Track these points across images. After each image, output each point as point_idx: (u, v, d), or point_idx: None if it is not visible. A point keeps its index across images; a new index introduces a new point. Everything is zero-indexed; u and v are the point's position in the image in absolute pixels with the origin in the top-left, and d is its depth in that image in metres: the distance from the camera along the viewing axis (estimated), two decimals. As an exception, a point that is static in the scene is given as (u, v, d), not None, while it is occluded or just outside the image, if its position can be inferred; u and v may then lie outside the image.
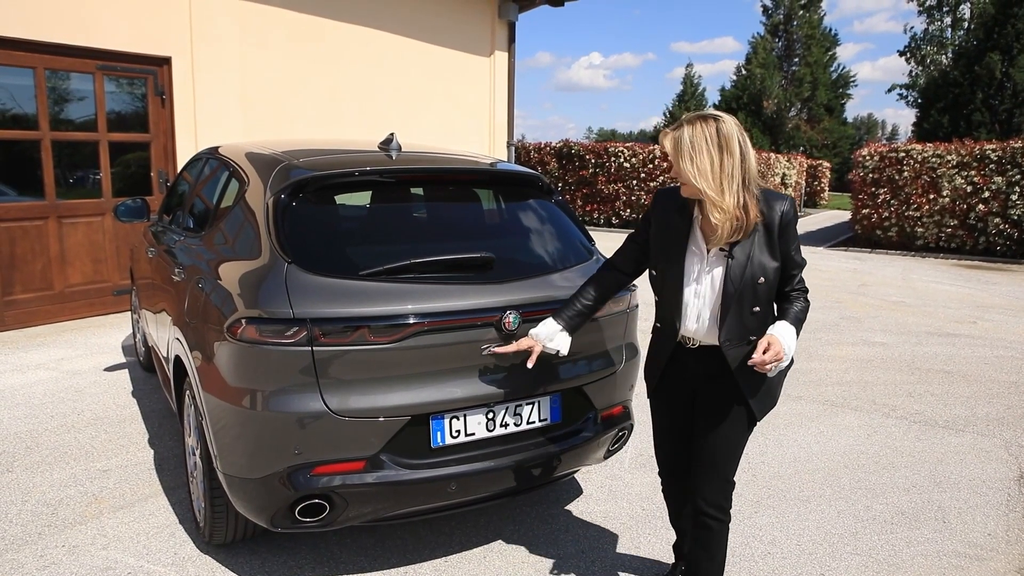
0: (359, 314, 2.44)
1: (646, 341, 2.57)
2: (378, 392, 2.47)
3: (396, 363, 2.48)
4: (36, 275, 6.53)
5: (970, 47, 32.05)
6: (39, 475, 3.60)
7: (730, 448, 2.31)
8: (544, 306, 2.70)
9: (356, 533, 3.07)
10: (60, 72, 6.60)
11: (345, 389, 2.43)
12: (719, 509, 2.33)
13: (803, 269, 2.27)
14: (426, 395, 2.53)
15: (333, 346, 2.41)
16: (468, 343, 2.58)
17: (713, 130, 2.10)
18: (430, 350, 2.53)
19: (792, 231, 2.21)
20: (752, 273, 2.17)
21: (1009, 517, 3.37)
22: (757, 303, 2.20)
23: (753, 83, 37.31)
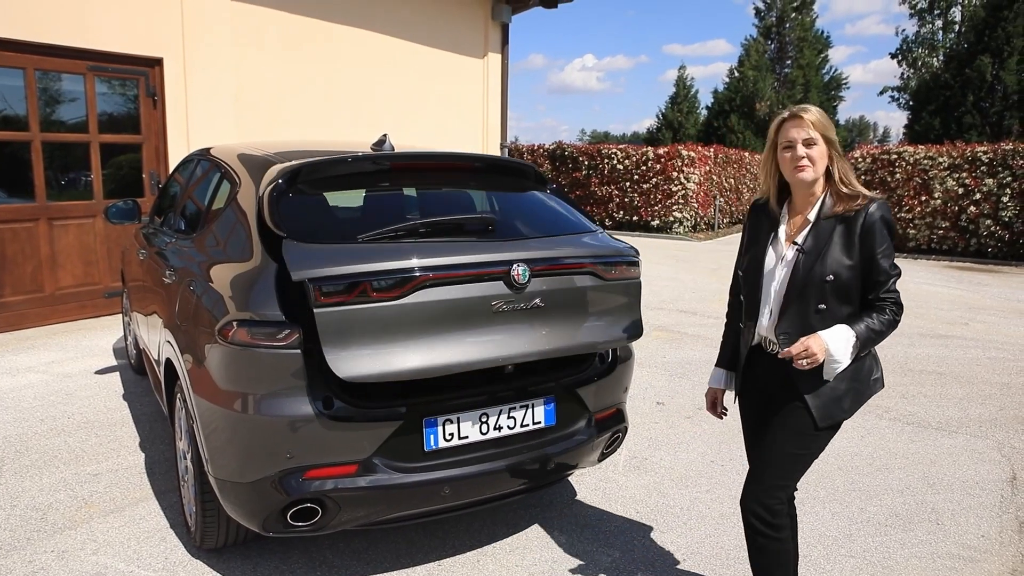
0: (359, 271, 2.34)
1: (640, 344, 2.56)
2: (388, 356, 2.35)
3: (404, 323, 2.36)
4: (26, 277, 6.48)
5: (961, 50, 32.23)
6: (28, 479, 3.56)
7: (785, 453, 2.23)
8: (553, 262, 2.64)
9: (349, 537, 3.05)
10: (51, 73, 6.56)
11: (353, 354, 2.31)
12: (766, 509, 2.23)
13: (894, 280, 2.15)
14: (438, 357, 2.41)
15: (334, 306, 2.30)
16: (479, 298, 2.48)
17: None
18: (438, 307, 2.41)
19: (879, 235, 2.12)
20: (821, 269, 2.12)
21: (1002, 518, 3.38)
22: (824, 300, 2.14)
23: (746, 85, 37.40)
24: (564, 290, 2.71)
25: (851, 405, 2.22)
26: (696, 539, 3.14)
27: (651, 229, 17.10)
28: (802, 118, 2.15)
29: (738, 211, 20.03)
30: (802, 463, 2.26)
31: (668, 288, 9.57)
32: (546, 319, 2.64)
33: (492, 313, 2.51)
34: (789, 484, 2.27)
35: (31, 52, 6.32)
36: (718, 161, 18.22)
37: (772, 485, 2.25)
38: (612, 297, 2.89)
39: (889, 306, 2.15)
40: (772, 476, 2.25)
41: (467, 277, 2.47)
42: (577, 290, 2.75)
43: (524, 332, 2.58)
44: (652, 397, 5.02)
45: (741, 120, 36.65)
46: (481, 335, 2.50)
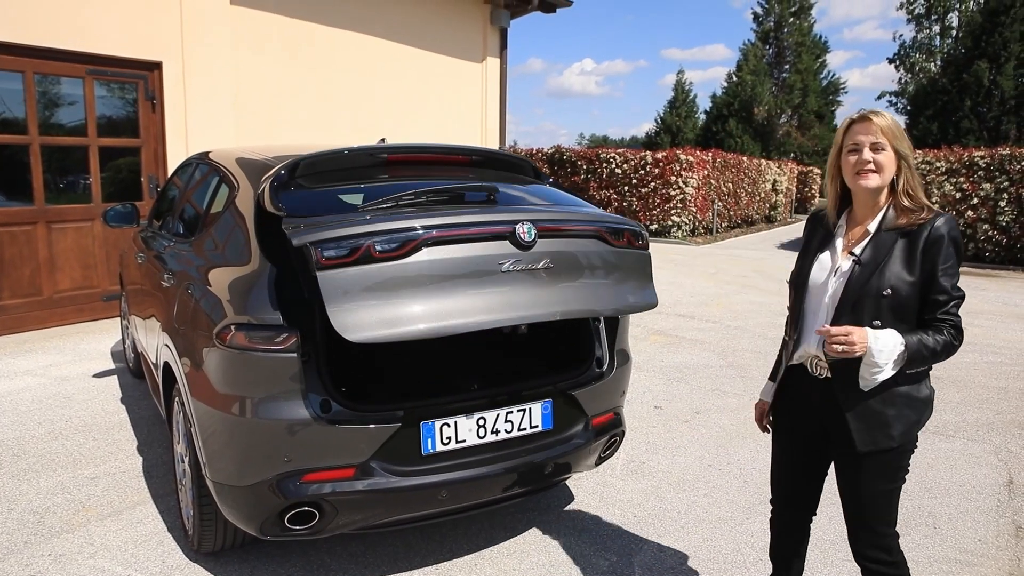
0: (361, 231, 2.26)
1: (638, 348, 2.56)
2: (395, 317, 2.24)
3: (410, 284, 2.28)
4: (24, 280, 6.48)
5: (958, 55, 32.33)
6: (26, 483, 3.56)
7: (868, 494, 2.09)
8: (559, 223, 2.59)
9: (346, 540, 3.05)
10: (50, 76, 6.56)
11: (359, 317, 2.21)
12: (877, 562, 2.13)
13: (956, 302, 1.98)
14: (447, 317, 2.30)
15: (337, 268, 2.22)
16: (485, 257, 2.40)
17: None
18: (444, 266, 2.33)
19: (944, 251, 1.96)
20: (878, 282, 1.98)
21: (999, 523, 3.38)
22: (879, 316, 1.98)
23: (744, 90, 37.49)
24: (573, 252, 2.61)
25: (902, 434, 2.03)
26: (694, 543, 3.14)
27: (649, 233, 17.06)
28: (871, 121, 2.01)
29: (736, 215, 20.06)
30: (897, 495, 2.12)
31: (666, 292, 9.58)
32: (557, 281, 2.53)
33: (500, 273, 2.41)
34: (892, 518, 2.13)
35: (30, 55, 6.32)
36: (716, 165, 18.25)
37: (874, 531, 2.12)
38: (623, 264, 2.78)
39: (947, 328, 1.98)
40: (873, 520, 2.11)
41: (472, 235, 2.39)
42: (586, 253, 2.65)
43: (535, 293, 2.47)
44: (650, 401, 5.02)
45: (739, 124, 36.72)
46: (491, 296, 2.38)
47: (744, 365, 6.01)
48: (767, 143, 37.39)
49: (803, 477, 2.32)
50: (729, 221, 19.63)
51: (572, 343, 3.14)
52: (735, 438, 4.37)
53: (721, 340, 6.88)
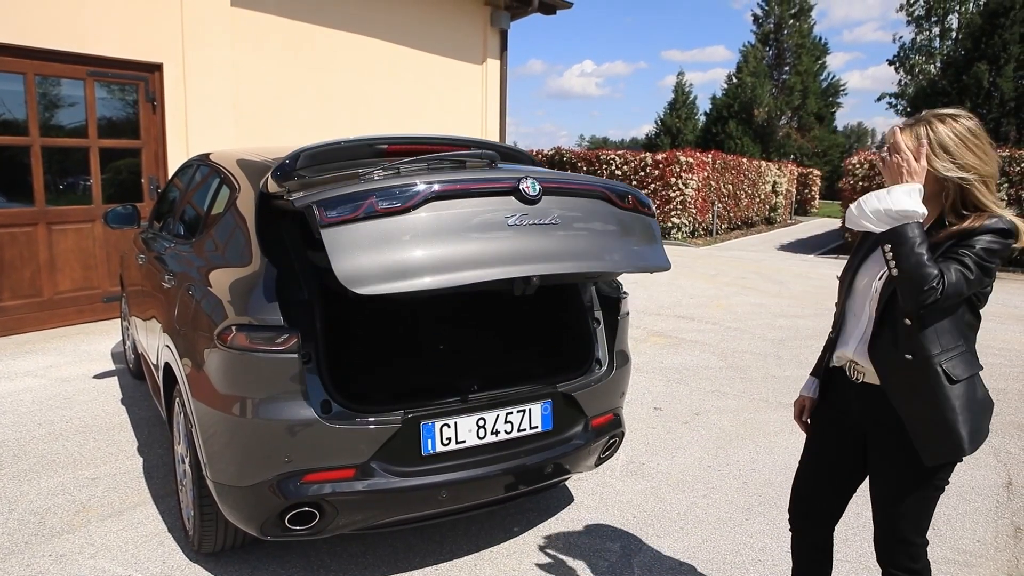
0: (364, 189, 2.23)
1: (637, 350, 2.57)
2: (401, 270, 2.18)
3: (415, 238, 2.24)
4: (25, 282, 6.49)
5: (958, 57, 32.37)
6: (26, 484, 3.57)
7: (908, 505, 2.01)
8: (563, 182, 2.56)
9: (346, 541, 3.06)
10: (50, 78, 6.57)
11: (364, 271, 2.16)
12: (903, 569, 2.06)
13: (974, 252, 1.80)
14: (454, 270, 2.24)
15: (341, 225, 2.18)
16: (491, 211, 2.35)
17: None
18: (449, 220, 2.28)
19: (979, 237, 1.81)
20: None
21: (998, 524, 3.39)
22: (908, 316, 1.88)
23: (744, 91, 37.52)
24: (580, 210, 2.55)
25: (972, 438, 1.91)
26: (693, 544, 3.15)
27: (649, 235, 17.10)
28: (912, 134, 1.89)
29: (736, 217, 20.07)
30: (931, 504, 2.03)
31: (666, 293, 9.59)
32: (566, 237, 2.47)
33: (507, 228, 2.35)
34: (922, 526, 2.05)
35: (31, 57, 6.33)
36: (716, 167, 18.26)
37: (904, 541, 2.04)
38: (631, 225, 2.71)
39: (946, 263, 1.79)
40: (905, 527, 2.03)
41: (476, 190, 2.35)
42: (593, 212, 2.60)
43: (545, 248, 2.40)
44: (649, 402, 5.03)
45: (739, 126, 36.75)
46: (498, 249, 2.32)
47: (744, 367, 6.01)
48: (767, 145, 37.42)
49: (830, 487, 2.22)
50: (729, 223, 19.64)
51: (572, 344, 3.14)
52: (735, 439, 4.37)
53: (721, 342, 6.89)
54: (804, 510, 2.30)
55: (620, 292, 3.21)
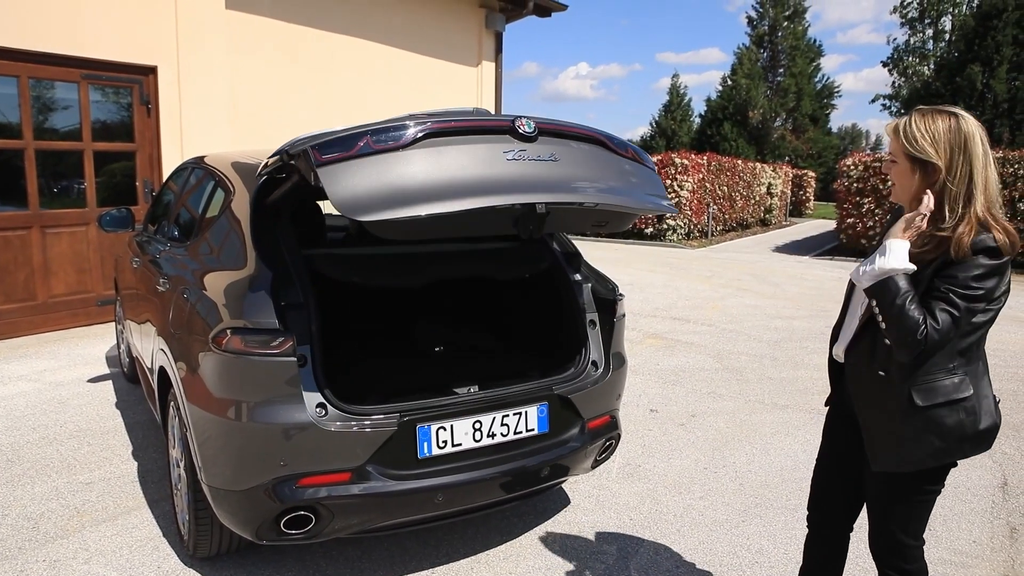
0: (359, 130, 2.19)
1: (634, 352, 2.56)
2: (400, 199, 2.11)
3: (413, 171, 2.18)
4: (19, 285, 6.46)
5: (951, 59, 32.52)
6: (20, 488, 3.55)
7: (890, 506, 2.01)
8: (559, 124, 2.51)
9: (342, 545, 3.05)
10: (44, 81, 6.55)
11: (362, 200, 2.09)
12: (894, 568, 2.06)
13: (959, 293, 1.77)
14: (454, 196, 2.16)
15: (337, 162, 2.13)
16: (488, 147, 2.30)
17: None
18: (447, 154, 2.23)
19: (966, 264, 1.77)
20: None
21: (993, 524, 3.39)
22: None
23: (739, 93, 37.63)
24: (579, 152, 2.49)
25: (921, 460, 1.90)
26: (690, 546, 3.14)
27: (645, 236, 17.14)
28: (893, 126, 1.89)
29: (731, 219, 20.10)
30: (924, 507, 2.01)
31: (662, 295, 9.60)
32: (568, 172, 2.41)
33: (506, 162, 2.30)
34: (916, 528, 2.03)
35: (25, 60, 6.31)
36: (711, 169, 18.29)
37: (896, 540, 2.03)
38: (632, 171, 2.65)
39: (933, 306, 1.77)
40: (892, 528, 2.03)
41: (470, 127, 2.30)
42: (593, 154, 2.54)
43: (547, 179, 2.34)
44: (645, 404, 5.03)
45: (734, 128, 36.84)
46: (498, 178, 2.26)
47: (740, 368, 6.02)
48: (762, 146, 37.52)
49: (839, 482, 2.23)
50: (724, 224, 19.68)
51: (568, 346, 3.14)
52: (731, 441, 4.37)
53: (717, 343, 6.90)
54: (818, 505, 2.32)
55: (616, 294, 3.21)
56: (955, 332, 1.79)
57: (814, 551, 2.38)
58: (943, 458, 1.92)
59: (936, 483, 1.99)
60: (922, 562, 2.08)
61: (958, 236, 1.78)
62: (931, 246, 1.82)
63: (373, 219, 2.07)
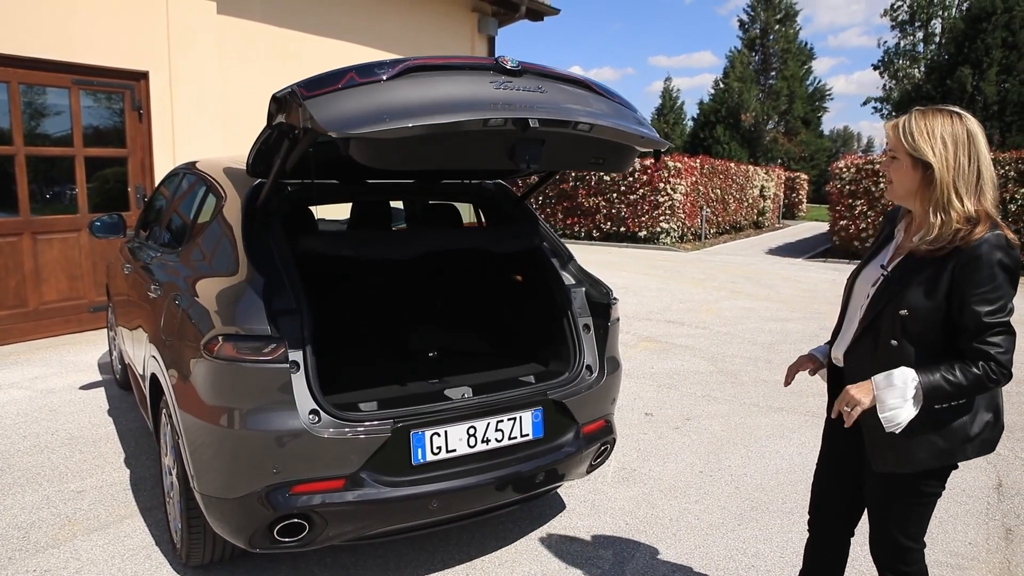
0: (344, 68, 2.14)
1: (628, 355, 2.55)
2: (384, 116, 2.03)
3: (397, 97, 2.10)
4: (10, 292, 6.42)
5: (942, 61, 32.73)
6: (10, 497, 3.51)
7: (888, 507, 2.02)
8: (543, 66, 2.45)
9: (336, 552, 3.03)
10: (35, 86, 6.52)
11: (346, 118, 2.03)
12: (893, 571, 2.07)
13: (992, 331, 1.79)
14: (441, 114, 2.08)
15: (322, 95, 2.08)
16: (473, 78, 2.24)
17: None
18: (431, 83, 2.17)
19: (978, 274, 1.78)
20: (897, 300, 1.88)
21: (989, 526, 3.39)
22: (895, 336, 1.88)
23: (731, 97, 37.76)
24: (564, 89, 2.43)
25: (926, 459, 1.90)
26: (686, 550, 3.13)
27: (638, 240, 17.17)
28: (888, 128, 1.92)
29: (725, 221, 20.15)
30: (922, 510, 2.01)
31: (655, 299, 9.60)
32: (554, 99, 2.34)
33: (494, 89, 2.23)
34: (916, 532, 2.04)
35: (15, 66, 6.28)
36: (704, 172, 18.34)
37: (895, 542, 2.04)
38: (619, 108, 2.59)
39: (983, 360, 1.79)
40: (889, 530, 2.04)
41: (455, 64, 2.26)
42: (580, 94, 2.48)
43: (534, 101, 2.27)
44: (640, 408, 5.02)
45: (727, 131, 36.94)
46: (488, 98, 2.19)
47: (734, 371, 6.02)
48: (754, 149, 37.65)
49: (837, 486, 2.24)
50: (717, 227, 19.72)
51: (562, 351, 3.13)
52: (726, 444, 4.37)
53: (711, 346, 6.90)
54: (818, 509, 2.32)
55: (610, 298, 3.21)
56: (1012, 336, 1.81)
57: (815, 556, 2.38)
58: (945, 459, 1.92)
59: (938, 485, 1.99)
60: (922, 564, 2.07)
61: (974, 234, 1.79)
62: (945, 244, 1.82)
63: (360, 133, 1.99)
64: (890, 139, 1.91)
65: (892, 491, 2.01)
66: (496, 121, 2.12)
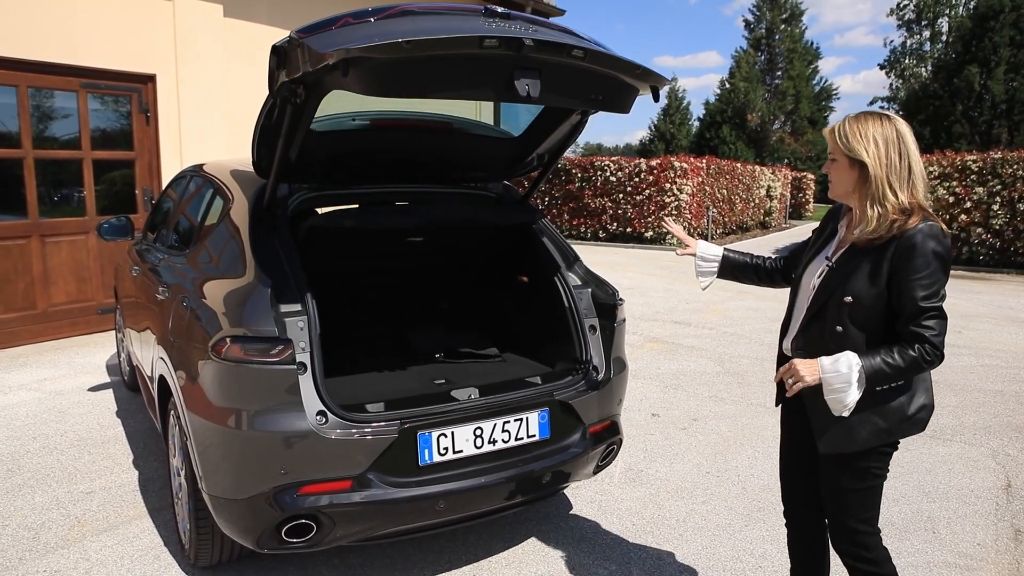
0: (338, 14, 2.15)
1: (634, 356, 2.56)
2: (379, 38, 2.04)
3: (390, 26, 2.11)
4: (19, 295, 6.45)
5: (949, 60, 32.57)
6: (20, 498, 3.54)
7: (838, 491, 2.12)
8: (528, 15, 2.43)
9: (343, 553, 3.03)
10: (43, 90, 6.56)
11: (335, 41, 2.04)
12: (855, 558, 2.14)
13: (928, 314, 1.91)
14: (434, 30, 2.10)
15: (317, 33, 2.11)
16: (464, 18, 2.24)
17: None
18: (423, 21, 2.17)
19: (914, 262, 1.90)
20: (842, 289, 2.00)
21: (998, 526, 3.38)
22: (841, 323, 2.01)
23: (737, 97, 37.69)
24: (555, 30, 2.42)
25: (867, 439, 2.03)
26: (693, 551, 3.13)
27: (644, 240, 17.14)
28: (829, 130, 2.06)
29: (731, 222, 20.11)
30: (872, 494, 2.10)
31: (662, 299, 9.59)
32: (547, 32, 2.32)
33: (484, 24, 2.22)
34: (869, 516, 2.11)
35: (24, 69, 6.32)
36: (711, 172, 18.30)
37: (853, 524, 2.11)
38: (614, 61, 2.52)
39: (918, 342, 1.91)
40: (849, 517, 2.12)
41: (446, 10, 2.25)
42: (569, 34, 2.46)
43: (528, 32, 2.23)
44: (647, 409, 5.01)
45: (733, 131, 36.87)
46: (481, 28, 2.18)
47: (741, 372, 6.01)
48: (761, 149, 37.57)
49: (801, 474, 2.32)
50: (724, 227, 19.67)
51: (568, 351, 3.13)
52: (733, 445, 4.36)
53: (718, 347, 6.89)
54: (788, 498, 2.41)
55: (616, 299, 3.21)
56: (944, 320, 1.94)
57: (795, 548, 2.45)
58: (885, 438, 2.05)
59: (881, 468, 2.11)
60: (881, 549, 2.15)
61: (908, 223, 1.93)
62: (884, 234, 1.95)
63: (355, 47, 1.99)
64: (828, 143, 2.07)
65: (840, 474, 2.11)
66: (491, 43, 2.12)
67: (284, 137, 2.49)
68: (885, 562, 2.15)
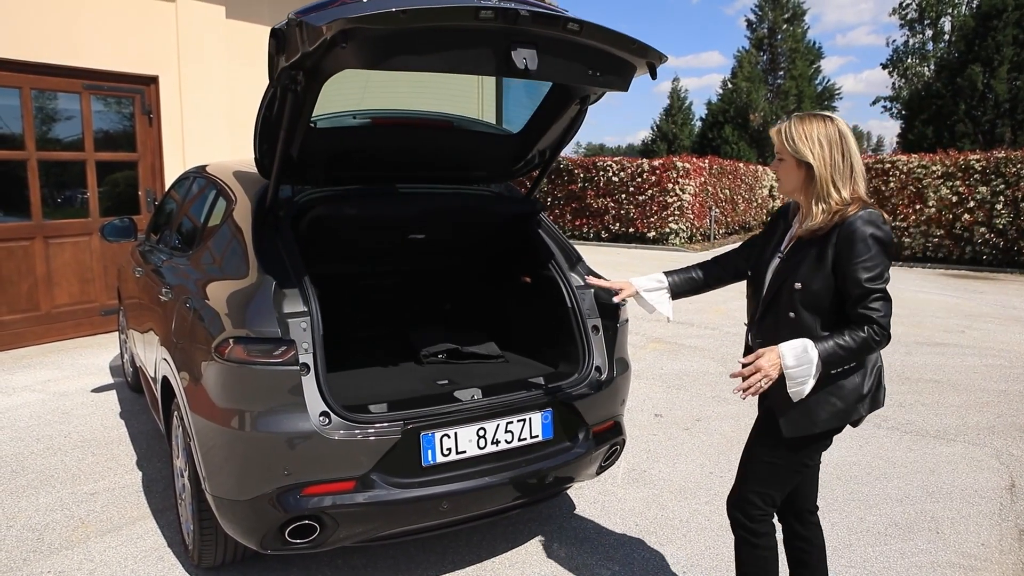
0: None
1: (637, 356, 2.56)
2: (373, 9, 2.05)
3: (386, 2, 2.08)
4: (22, 296, 6.47)
5: (952, 59, 32.48)
6: (24, 499, 3.54)
7: (755, 462, 2.24)
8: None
9: (347, 553, 3.04)
10: (47, 92, 6.58)
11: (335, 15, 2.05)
12: (735, 521, 2.27)
13: (874, 296, 2.01)
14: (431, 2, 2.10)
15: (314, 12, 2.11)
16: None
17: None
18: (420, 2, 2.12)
19: (854, 246, 2.01)
20: (792, 277, 2.12)
21: (1002, 527, 3.37)
22: (793, 309, 2.11)
23: (739, 96, 37.62)
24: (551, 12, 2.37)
25: (827, 419, 2.12)
26: (695, 551, 3.13)
27: (647, 240, 17.13)
28: (776, 131, 2.17)
29: (734, 222, 20.09)
30: (779, 474, 2.21)
31: (665, 299, 9.57)
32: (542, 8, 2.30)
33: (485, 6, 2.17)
34: (767, 493, 2.22)
35: (27, 71, 6.33)
36: (713, 172, 18.29)
37: (749, 491, 2.24)
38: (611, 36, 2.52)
39: (866, 323, 2.02)
40: (749, 483, 2.25)
41: None
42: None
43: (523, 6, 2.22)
44: (650, 409, 5.01)
45: (735, 131, 36.79)
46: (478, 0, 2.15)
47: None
48: (763, 149, 37.47)
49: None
50: (727, 227, 19.65)
51: (571, 352, 3.13)
52: (736, 445, 4.35)
53: (720, 347, 6.88)
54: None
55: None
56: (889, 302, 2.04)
57: (787, 543, 2.44)
58: (844, 418, 2.14)
59: (807, 456, 2.22)
60: (767, 525, 2.25)
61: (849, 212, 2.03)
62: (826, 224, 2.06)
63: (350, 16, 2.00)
64: (775, 143, 2.16)
65: (762, 447, 2.23)
66: (486, 14, 2.13)
67: (285, 130, 2.49)
68: (765, 536, 2.24)
